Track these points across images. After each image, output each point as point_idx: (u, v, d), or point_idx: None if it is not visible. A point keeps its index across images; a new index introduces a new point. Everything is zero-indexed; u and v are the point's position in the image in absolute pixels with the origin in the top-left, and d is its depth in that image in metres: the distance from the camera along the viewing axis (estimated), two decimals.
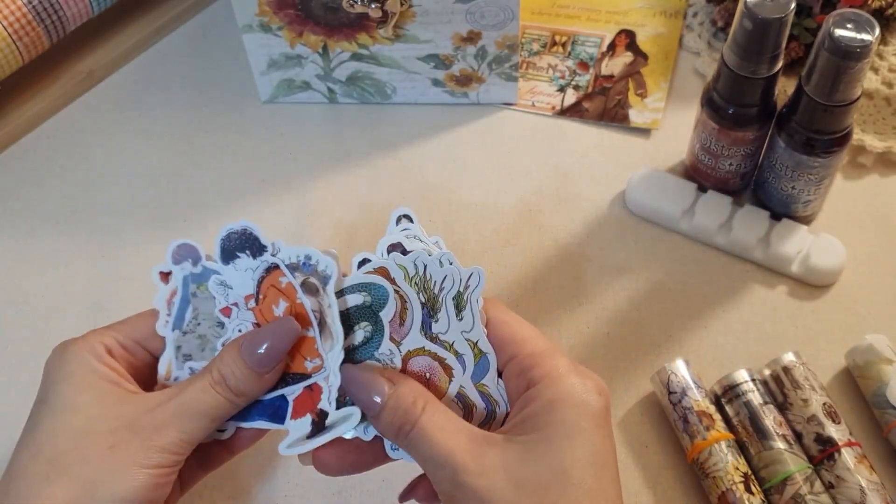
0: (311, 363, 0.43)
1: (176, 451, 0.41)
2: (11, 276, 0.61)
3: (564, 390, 0.41)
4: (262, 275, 0.44)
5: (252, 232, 0.44)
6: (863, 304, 0.58)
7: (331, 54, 0.64)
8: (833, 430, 0.51)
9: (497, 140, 0.67)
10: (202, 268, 0.45)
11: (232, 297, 0.44)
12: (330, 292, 0.43)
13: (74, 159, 0.67)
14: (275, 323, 0.43)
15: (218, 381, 0.42)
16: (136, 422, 0.41)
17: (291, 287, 0.43)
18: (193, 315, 0.45)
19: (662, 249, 0.61)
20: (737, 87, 0.55)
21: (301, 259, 0.44)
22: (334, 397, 0.43)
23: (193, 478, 0.46)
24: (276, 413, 0.44)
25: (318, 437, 0.43)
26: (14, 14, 0.62)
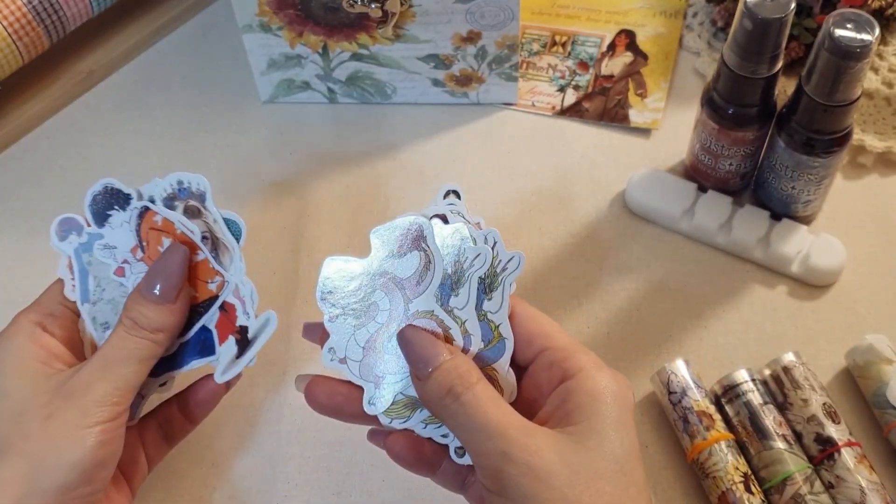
0: (213, 283, 0.44)
1: (113, 402, 0.41)
2: (11, 276, 0.61)
3: (603, 383, 0.41)
4: (137, 222, 0.44)
5: (113, 186, 0.45)
6: (863, 304, 0.58)
7: (331, 54, 0.64)
8: (833, 430, 0.51)
9: (497, 140, 0.67)
10: (87, 235, 0.45)
11: (119, 255, 0.45)
12: (210, 207, 0.44)
13: (74, 159, 0.67)
14: (162, 253, 0.44)
15: (130, 326, 0.43)
16: (66, 387, 0.41)
17: (167, 221, 0.44)
18: (96, 283, 0.45)
19: (662, 249, 0.61)
20: (737, 87, 0.55)
21: (175, 187, 0.44)
22: (250, 307, 0.44)
23: (160, 450, 0.47)
24: (204, 347, 0.45)
25: (246, 352, 0.44)
26: (14, 14, 0.62)
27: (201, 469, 0.53)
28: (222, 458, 0.54)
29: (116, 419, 0.42)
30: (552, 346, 0.43)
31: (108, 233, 0.45)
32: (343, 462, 0.53)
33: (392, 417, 0.44)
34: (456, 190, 0.46)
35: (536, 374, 0.44)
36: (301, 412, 0.55)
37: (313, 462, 0.54)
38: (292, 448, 0.54)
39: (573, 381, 0.42)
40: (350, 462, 0.54)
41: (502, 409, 0.40)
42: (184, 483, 0.53)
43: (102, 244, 0.45)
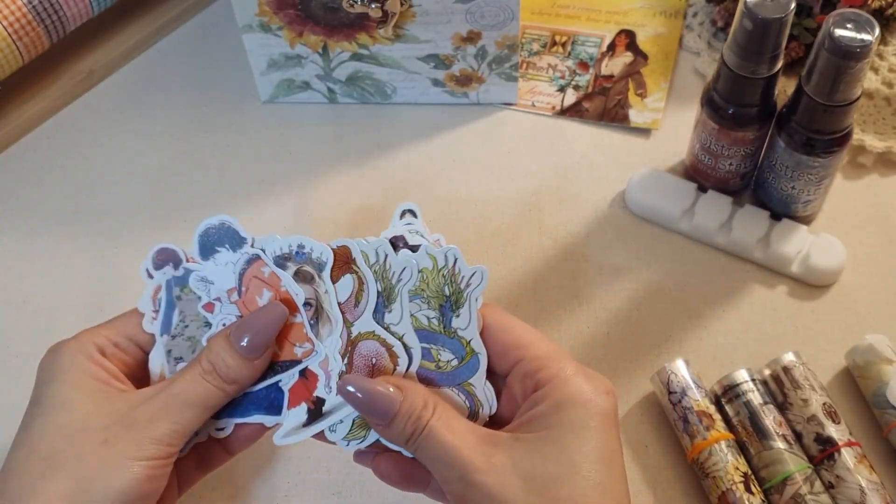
0: (301, 348, 0.43)
1: (169, 443, 0.41)
2: (11, 276, 0.61)
3: (572, 391, 0.41)
4: (243, 267, 0.44)
5: (230, 225, 0.44)
6: (863, 304, 0.58)
7: (331, 54, 0.64)
8: (833, 430, 0.51)
9: (497, 140, 0.67)
10: (184, 270, 0.45)
11: (214, 292, 0.44)
12: (325, 278, 0.43)
13: (74, 159, 0.67)
14: (261, 307, 0.43)
15: (208, 370, 0.42)
16: (128, 416, 0.41)
17: (275, 276, 0.43)
18: (180, 318, 0.45)
19: (662, 249, 0.61)
20: (737, 87, 0.55)
21: (294, 248, 0.44)
22: (332, 382, 0.43)
23: (191, 478, 0.46)
24: (271, 405, 0.44)
25: (315, 424, 0.43)
26: (14, 14, 0.62)
27: None
28: None
29: (168, 458, 0.41)
30: (526, 356, 0.43)
31: (208, 268, 0.44)
32: (343, 462, 0.53)
33: (349, 440, 0.44)
34: (412, 209, 0.46)
35: (511, 385, 0.43)
36: None
37: (313, 462, 0.54)
38: (292, 448, 0.54)
39: (542, 391, 0.41)
40: (350, 462, 0.53)
41: (457, 433, 0.40)
42: None
43: (201, 276, 0.44)
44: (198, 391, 0.42)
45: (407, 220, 0.46)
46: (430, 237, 0.46)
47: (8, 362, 0.58)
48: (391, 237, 0.45)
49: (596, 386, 0.41)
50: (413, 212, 0.46)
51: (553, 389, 0.41)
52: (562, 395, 0.41)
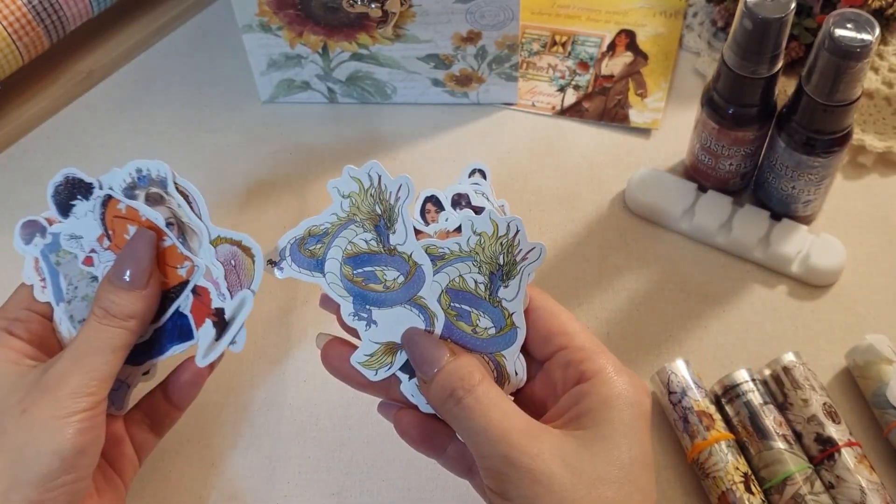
0: (183, 268, 0.44)
1: (87, 392, 0.41)
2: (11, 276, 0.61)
3: (619, 389, 0.41)
4: (101, 211, 0.44)
5: (74, 176, 0.45)
6: (863, 304, 0.58)
7: (331, 54, 0.64)
8: (833, 430, 0.51)
9: (497, 140, 0.67)
10: (51, 235, 0.45)
11: (86, 245, 0.45)
12: (172, 192, 0.44)
13: (74, 159, 0.67)
14: (129, 239, 0.44)
15: (101, 314, 0.43)
16: (40, 381, 0.42)
17: (131, 209, 0.44)
18: (68, 282, 0.45)
19: (662, 249, 0.61)
20: (737, 87, 0.55)
21: (134, 175, 0.44)
22: (224, 289, 0.44)
23: (147, 442, 0.47)
24: (182, 332, 0.45)
25: (225, 334, 0.44)
26: (14, 14, 0.62)
27: (201, 469, 0.53)
28: (222, 458, 0.54)
29: (94, 409, 0.42)
30: (571, 345, 0.43)
31: (73, 223, 0.45)
32: (343, 462, 0.53)
33: (377, 369, 0.43)
34: (482, 169, 0.45)
35: (551, 371, 0.43)
36: (301, 412, 0.55)
37: (313, 462, 0.54)
38: (292, 448, 0.54)
39: (588, 384, 0.41)
40: (350, 462, 0.54)
41: (505, 411, 0.40)
42: (184, 483, 0.53)
43: (69, 234, 0.45)
44: (100, 336, 0.42)
45: (475, 180, 0.45)
46: (496, 202, 0.45)
47: None
48: (455, 193, 0.45)
49: (637, 386, 0.42)
50: (483, 172, 0.46)
51: (599, 384, 0.41)
52: (609, 392, 0.41)
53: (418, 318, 0.43)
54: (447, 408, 0.41)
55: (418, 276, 0.43)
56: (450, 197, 0.44)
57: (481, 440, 0.40)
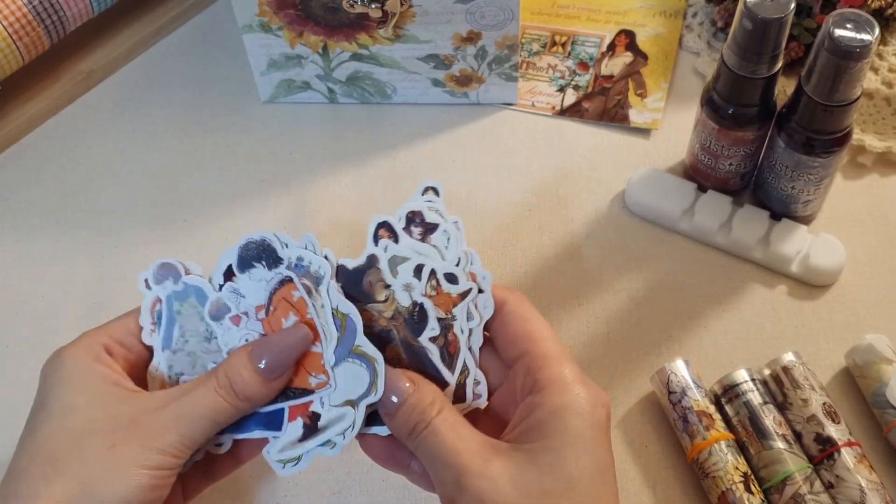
0: (316, 379, 0.43)
1: (175, 454, 0.41)
2: (11, 276, 0.61)
3: (570, 399, 0.41)
4: (275, 287, 0.44)
5: (270, 244, 0.44)
6: (863, 304, 0.58)
7: (331, 54, 0.64)
8: (833, 429, 0.51)
9: (497, 140, 0.67)
10: (183, 285, 0.45)
11: (243, 305, 0.44)
12: (323, 293, 0.43)
13: (74, 159, 0.67)
14: (286, 328, 0.43)
15: (223, 384, 0.42)
16: (137, 422, 0.41)
17: (303, 302, 0.43)
18: (181, 333, 0.45)
19: (662, 249, 0.61)
20: (737, 87, 0.55)
21: (293, 261, 0.44)
22: (327, 398, 0.43)
23: (198, 487, 0.46)
24: (270, 421, 0.44)
25: (311, 439, 0.43)
26: (14, 14, 0.62)
27: None
28: None
29: (172, 469, 0.41)
30: (533, 352, 0.42)
31: (242, 281, 0.44)
32: (343, 462, 0.53)
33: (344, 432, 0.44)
34: (434, 187, 0.46)
35: (513, 379, 0.43)
36: None
37: (313, 462, 0.53)
38: None
39: (540, 394, 0.41)
40: (350, 462, 0.54)
41: (460, 435, 0.40)
42: None
43: (234, 287, 0.44)
44: (209, 405, 0.42)
45: (428, 197, 0.46)
46: (449, 219, 0.45)
47: (8, 362, 0.58)
48: (409, 211, 0.45)
49: (593, 396, 0.41)
50: (436, 189, 0.46)
51: (551, 395, 0.41)
52: (559, 403, 0.41)
53: (361, 367, 0.43)
54: (410, 440, 0.41)
55: (349, 327, 0.43)
56: (404, 215, 0.45)
57: (436, 466, 0.40)
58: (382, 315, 0.44)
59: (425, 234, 0.45)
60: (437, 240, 0.45)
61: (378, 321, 0.44)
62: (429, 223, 0.44)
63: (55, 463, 0.40)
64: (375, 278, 0.44)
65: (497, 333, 0.44)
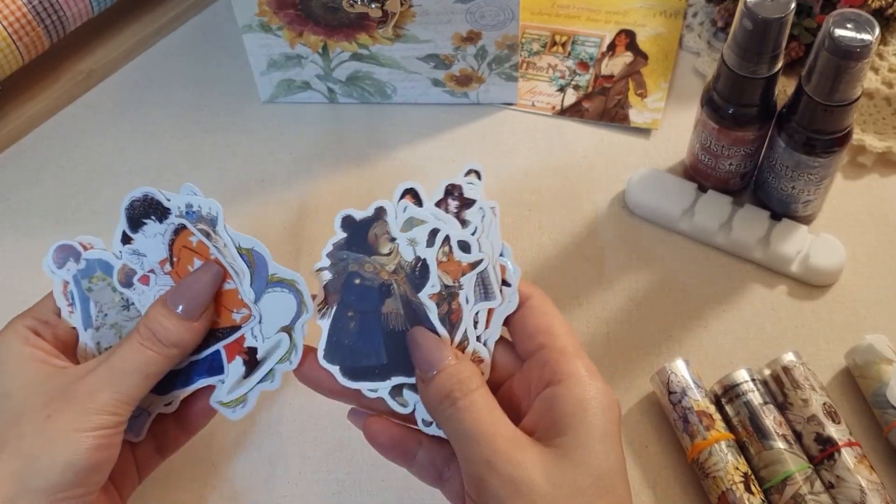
0: (239, 314, 0.44)
1: (113, 412, 0.41)
2: (11, 276, 0.61)
3: (592, 393, 0.41)
4: (171, 238, 0.44)
5: (154, 197, 0.44)
6: (863, 304, 0.58)
7: (331, 54, 0.64)
8: (833, 429, 0.51)
9: (497, 140, 0.67)
10: (85, 262, 0.45)
11: (147, 264, 0.45)
12: (221, 232, 0.44)
13: (74, 159, 0.67)
14: (196, 270, 0.44)
15: (147, 336, 0.42)
16: (69, 390, 0.41)
17: (203, 245, 0.44)
18: (98, 309, 0.45)
19: (662, 249, 0.61)
20: (737, 87, 0.55)
21: (183, 210, 0.44)
22: (258, 331, 0.43)
23: (151, 462, 0.47)
24: (212, 366, 0.44)
25: (254, 373, 0.44)
26: (14, 14, 0.62)
27: (201, 469, 0.53)
28: (222, 458, 0.54)
29: (115, 428, 0.41)
30: (550, 345, 0.43)
31: (139, 240, 0.45)
32: (343, 462, 0.53)
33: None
34: (478, 170, 0.46)
35: (529, 370, 0.43)
36: (301, 412, 0.55)
37: (313, 462, 0.54)
38: (292, 448, 0.54)
39: (560, 386, 0.41)
40: (350, 462, 0.54)
41: (494, 418, 0.40)
42: (183, 483, 0.53)
43: (133, 249, 0.45)
44: (138, 358, 0.42)
45: (470, 179, 0.46)
46: (488, 203, 0.45)
47: None
48: (449, 184, 0.45)
49: (609, 393, 0.42)
50: (478, 173, 0.46)
51: (572, 387, 0.41)
52: (582, 396, 0.41)
53: (284, 292, 0.43)
54: (442, 408, 0.41)
55: (258, 260, 0.44)
56: (444, 186, 0.45)
57: (468, 443, 0.40)
58: (385, 268, 0.44)
59: (461, 208, 0.44)
60: (471, 216, 0.44)
61: (380, 274, 0.44)
62: (466, 198, 0.44)
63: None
64: (381, 231, 0.44)
65: (516, 324, 0.44)
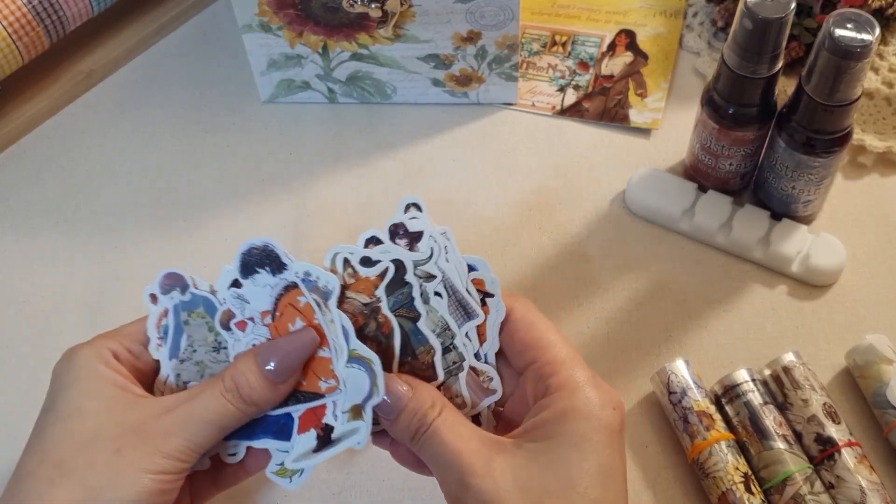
0: (326, 383, 0.43)
1: (181, 458, 0.41)
2: (11, 276, 0.61)
3: (579, 402, 0.41)
4: (280, 292, 0.44)
5: (273, 249, 0.44)
6: (863, 304, 0.58)
7: (331, 54, 0.64)
8: (833, 430, 0.51)
9: (497, 140, 0.67)
10: (191, 295, 0.45)
11: (248, 311, 0.44)
12: (332, 307, 0.43)
13: (74, 159, 0.67)
14: (293, 332, 0.43)
15: (230, 388, 0.42)
16: (143, 426, 0.41)
17: (309, 307, 0.43)
18: (188, 343, 0.45)
19: (662, 249, 0.61)
20: (737, 87, 0.55)
21: (300, 276, 0.44)
22: (340, 411, 0.43)
23: (205, 494, 0.46)
24: (281, 430, 0.44)
25: (324, 451, 0.43)
26: (14, 14, 0.62)
27: None
28: None
29: (179, 473, 0.41)
30: (542, 358, 0.43)
31: (246, 287, 0.44)
32: (343, 462, 0.53)
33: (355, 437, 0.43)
34: (416, 203, 0.46)
35: (524, 385, 0.43)
36: None
37: None
38: None
39: (549, 398, 0.41)
40: (350, 462, 0.54)
41: (461, 435, 0.40)
42: None
43: (238, 293, 0.44)
44: (216, 409, 0.41)
45: (411, 214, 0.46)
46: (438, 228, 0.45)
47: (8, 362, 0.58)
48: (392, 224, 0.45)
49: (604, 399, 0.41)
50: (418, 206, 0.46)
51: (561, 397, 0.41)
52: (568, 405, 0.41)
53: (360, 370, 0.43)
54: (413, 445, 0.41)
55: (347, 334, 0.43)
56: (387, 229, 0.45)
57: (438, 467, 0.40)
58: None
59: (411, 242, 0.45)
60: (423, 246, 0.44)
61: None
62: (412, 233, 0.44)
63: (61, 467, 0.40)
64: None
65: (505, 343, 0.44)
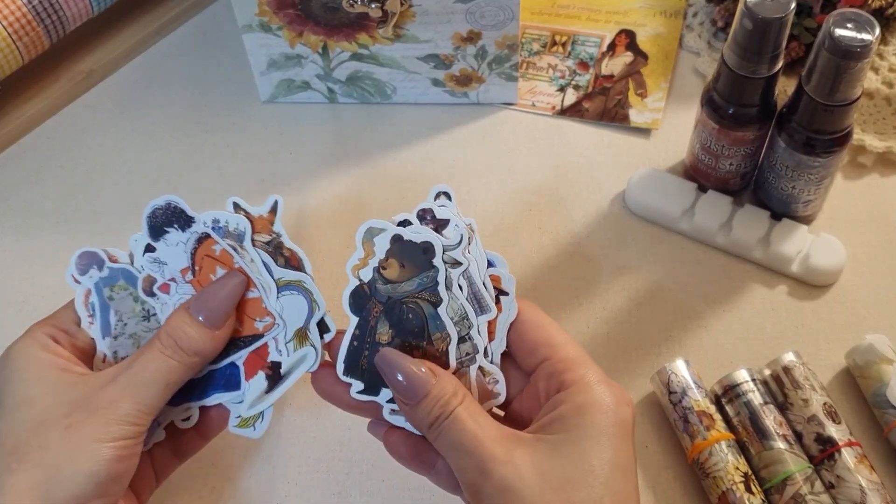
0: (262, 322, 0.44)
1: (134, 422, 0.41)
2: (11, 276, 0.61)
3: (595, 396, 0.41)
4: (194, 246, 0.44)
5: (177, 205, 0.44)
6: (863, 304, 0.58)
7: (331, 54, 0.64)
8: (833, 430, 0.51)
9: (497, 140, 0.67)
10: (108, 270, 0.45)
11: (168, 272, 0.44)
12: (248, 247, 0.43)
13: (74, 159, 0.67)
14: (220, 278, 0.43)
15: (168, 344, 0.42)
16: (90, 400, 0.41)
17: (226, 253, 0.44)
18: (118, 318, 0.45)
19: (662, 249, 0.61)
20: (737, 87, 0.55)
21: (209, 224, 0.44)
22: (283, 344, 0.43)
23: (168, 466, 0.47)
24: (228, 381, 0.44)
25: (277, 388, 0.44)
26: (14, 14, 0.62)
27: (201, 469, 0.53)
28: (222, 458, 0.54)
29: (135, 438, 0.41)
30: (554, 356, 0.43)
31: (161, 248, 0.44)
32: (343, 462, 0.53)
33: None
34: (447, 192, 0.46)
35: (536, 383, 0.44)
36: (301, 412, 0.55)
37: (313, 462, 0.54)
38: (292, 448, 0.54)
39: (564, 392, 0.42)
40: (350, 462, 0.54)
41: (480, 424, 0.41)
42: (183, 483, 0.53)
43: (154, 257, 0.44)
44: (158, 368, 0.42)
45: (441, 202, 0.46)
46: (464, 220, 0.45)
47: None
48: (420, 209, 0.45)
49: (617, 396, 0.42)
50: (448, 194, 0.46)
51: (576, 392, 0.41)
52: (585, 399, 0.41)
53: (294, 294, 0.43)
54: (431, 432, 0.41)
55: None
56: (415, 212, 0.45)
57: (457, 455, 0.40)
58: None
59: (437, 230, 0.45)
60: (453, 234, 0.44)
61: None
62: (439, 219, 0.44)
63: (15, 453, 0.40)
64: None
65: (514, 342, 0.45)
